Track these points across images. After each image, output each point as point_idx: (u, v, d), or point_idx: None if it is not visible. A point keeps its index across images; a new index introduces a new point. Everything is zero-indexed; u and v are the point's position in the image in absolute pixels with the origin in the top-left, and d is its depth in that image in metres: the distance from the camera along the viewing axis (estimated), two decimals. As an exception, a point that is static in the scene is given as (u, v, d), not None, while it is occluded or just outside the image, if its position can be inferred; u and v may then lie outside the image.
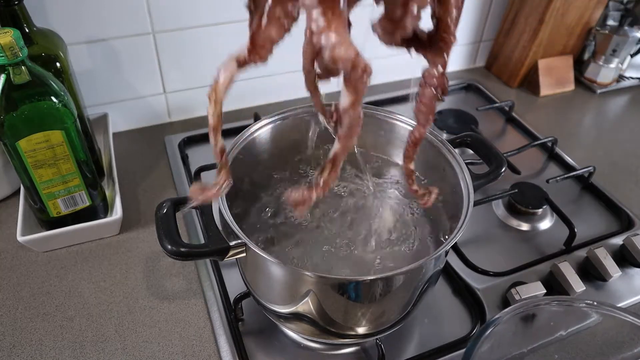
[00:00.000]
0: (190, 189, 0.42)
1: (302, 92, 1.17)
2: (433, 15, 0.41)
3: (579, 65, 1.14)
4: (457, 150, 0.58)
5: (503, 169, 0.57)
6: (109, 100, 0.90)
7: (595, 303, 0.49)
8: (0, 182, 0.76)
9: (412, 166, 0.47)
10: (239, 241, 0.47)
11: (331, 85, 0.97)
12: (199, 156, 0.88)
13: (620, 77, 1.14)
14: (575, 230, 0.72)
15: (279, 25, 0.38)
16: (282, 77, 1.00)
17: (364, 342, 0.60)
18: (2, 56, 0.54)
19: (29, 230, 0.69)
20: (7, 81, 0.56)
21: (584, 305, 0.49)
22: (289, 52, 1.09)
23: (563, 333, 0.51)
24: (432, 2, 0.39)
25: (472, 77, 1.14)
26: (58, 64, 0.68)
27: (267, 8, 0.38)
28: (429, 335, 0.62)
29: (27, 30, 0.65)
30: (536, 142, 0.92)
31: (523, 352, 0.51)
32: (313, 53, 0.41)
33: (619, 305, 0.67)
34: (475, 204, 0.74)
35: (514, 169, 0.86)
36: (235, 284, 0.66)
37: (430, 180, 0.60)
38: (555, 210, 0.77)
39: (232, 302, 0.62)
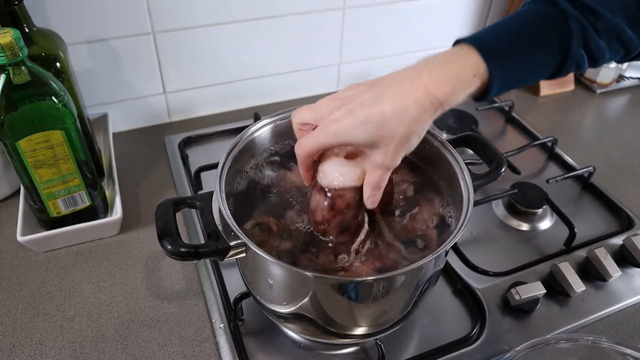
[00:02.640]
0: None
1: (302, 92, 1.17)
2: None
3: (579, 65, 1.14)
4: (457, 150, 0.58)
5: (503, 169, 0.57)
6: (109, 100, 0.90)
7: (604, 340, 0.50)
8: (0, 182, 0.76)
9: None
10: (239, 241, 0.47)
11: (331, 86, 0.97)
12: (199, 156, 0.88)
13: (620, 77, 1.14)
14: (575, 230, 0.72)
15: None
16: (282, 77, 1.00)
17: (364, 342, 0.60)
18: (2, 56, 0.54)
19: (29, 230, 0.69)
20: (7, 81, 0.56)
21: (590, 342, 0.50)
22: (289, 52, 1.09)
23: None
24: None
25: (472, 77, 1.14)
26: (58, 64, 0.68)
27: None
28: (429, 335, 0.62)
29: (27, 30, 0.65)
30: (536, 142, 0.92)
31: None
32: None
33: (619, 305, 0.67)
34: (475, 204, 0.74)
35: (514, 169, 0.86)
36: (235, 284, 0.66)
37: (429, 179, 0.60)
38: (555, 210, 0.77)
39: (232, 302, 0.62)
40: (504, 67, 0.43)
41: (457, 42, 0.44)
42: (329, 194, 0.49)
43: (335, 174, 0.48)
